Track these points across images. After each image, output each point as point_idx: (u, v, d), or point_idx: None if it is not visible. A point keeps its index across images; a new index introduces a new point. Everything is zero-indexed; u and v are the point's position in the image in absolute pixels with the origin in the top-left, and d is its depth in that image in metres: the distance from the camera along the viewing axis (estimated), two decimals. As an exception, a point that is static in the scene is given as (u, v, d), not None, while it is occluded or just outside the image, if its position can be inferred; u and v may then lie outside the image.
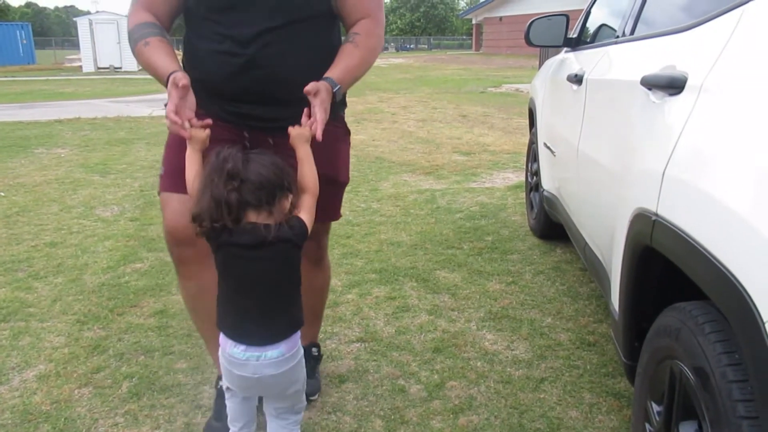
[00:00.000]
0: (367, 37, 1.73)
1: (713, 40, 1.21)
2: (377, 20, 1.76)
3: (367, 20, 1.74)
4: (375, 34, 1.75)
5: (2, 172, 5.62)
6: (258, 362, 1.45)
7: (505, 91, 13.33)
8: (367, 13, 1.74)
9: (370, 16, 1.75)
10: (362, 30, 1.73)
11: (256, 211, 1.40)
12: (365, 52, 1.73)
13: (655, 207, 1.23)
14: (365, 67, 1.75)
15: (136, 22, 1.71)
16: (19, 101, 12.51)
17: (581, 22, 2.92)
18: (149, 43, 1.66)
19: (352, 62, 1.69)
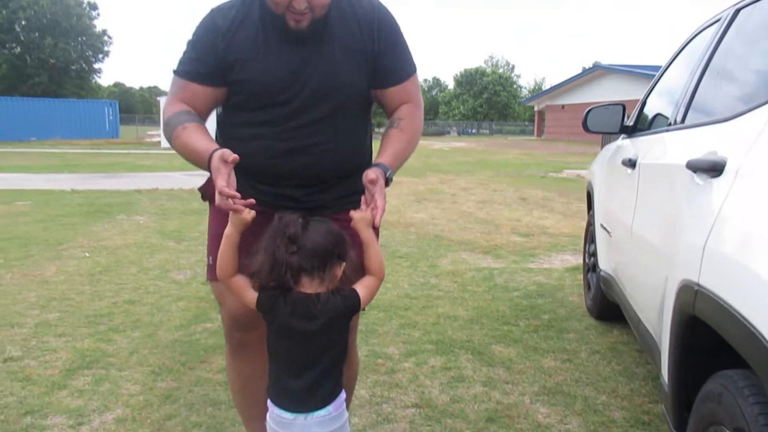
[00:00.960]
0: (411, 121, 1.79)
1: (749, 129, 1.35)
2: (417, 103, 1.83)
3: (409, 105, 1.80)
4: (417, 117, 1.82)
5: (88, 235, 6.07)
6: (306, 421, 1.49)
7: (567, 176, 13.43)
8: (408, 98, 1.81)
9: (411, 101, 1.81)
10: (405, 114, 1.79)
11: (309, 277, 1.46)
12: (410, 135, 1.78)
13: (698, 278, 1.33)
14: (411, 150, 1.80)
15: (174, 111, 1.75)
16: (103, 172, 13.47)
17: (637, 111, 3.07)
18: (187, 128, 1.68)
19: (400, 146, 1.74)
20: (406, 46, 1.82)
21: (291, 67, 1.70)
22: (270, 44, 1.71)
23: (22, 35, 46.03)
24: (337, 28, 1.72)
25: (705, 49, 2.15)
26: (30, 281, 4.33)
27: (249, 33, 1.71)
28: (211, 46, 1.72)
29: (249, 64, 1.71)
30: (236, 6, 1.75)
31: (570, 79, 37.76)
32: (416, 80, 1.85)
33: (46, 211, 7.55)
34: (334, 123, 1.74)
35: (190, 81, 1.75)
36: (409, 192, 9.95)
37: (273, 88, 1.71)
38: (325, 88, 1.71)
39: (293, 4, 1.58)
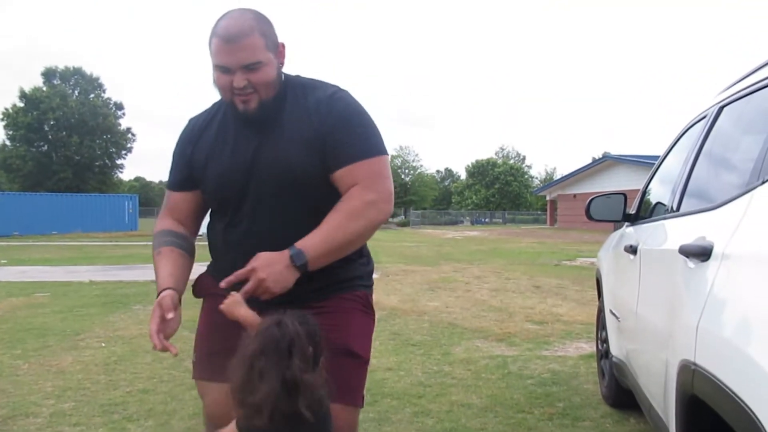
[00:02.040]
0: (349, 201, 1.64)
1: (732, 216, 1.45)
2: (367, 185, 1.65)
3: (356, 186, 1.65)
4: (359, 198, 1.63)
5: (104, 325, 6.15)
6: None
7: (580, 264, 13.43)
8: (354, 181, 1.66)
9: (359, 183, 1.65)
10: (345, 196, 1.66)
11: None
12: (344, 215, 1.62)
13: (694, 357, 1.39)
14: (345, 232, 1.62)
15: (158, 229, 1.85)
16: (121, 263, 13.68)
17: (638, 200, 3.19)
18: (160, 253, 1.78)
19: (325, 226, 1.61)
20: (364, 129, 1.71)
21: (244, 159, 1.70)
22: (227, 139, 1.74)
23: (50, 134, 48.06)
24: (289, 117, 1.70)
25: (695, 142, 2.29)
26: (46, 371, 4.38)
27: (211, 132, 1.78)
28: (183, 153, 1.82)
29: (207, 162, 1.76)
30: (208, 110, 1.85)
31: (580, 169, 38.40)
32: (373, 167, 1.68)
33: (65, 302, 7.67)
34: (292, 213, 1.69)
35: (169, 190, 1.88)
36: (422, 280, 10.00)
37: (225, 181, 1.73)
38: (274, 175, 1.67)
39: (234, 84, 1.60)
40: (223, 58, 1.59)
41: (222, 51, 1.59)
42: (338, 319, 1.72)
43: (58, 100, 46.89)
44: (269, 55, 1.63)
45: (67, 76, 50.30)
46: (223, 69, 1.61)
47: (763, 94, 1.72)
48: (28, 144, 47.21)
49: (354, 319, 1.79)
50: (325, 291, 1.74)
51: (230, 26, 1.59)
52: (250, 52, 1.58)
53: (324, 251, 1.61)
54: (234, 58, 1.58)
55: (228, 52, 1.58)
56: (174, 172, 1.87)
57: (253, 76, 1.60)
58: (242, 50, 1.58)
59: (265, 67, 1.62)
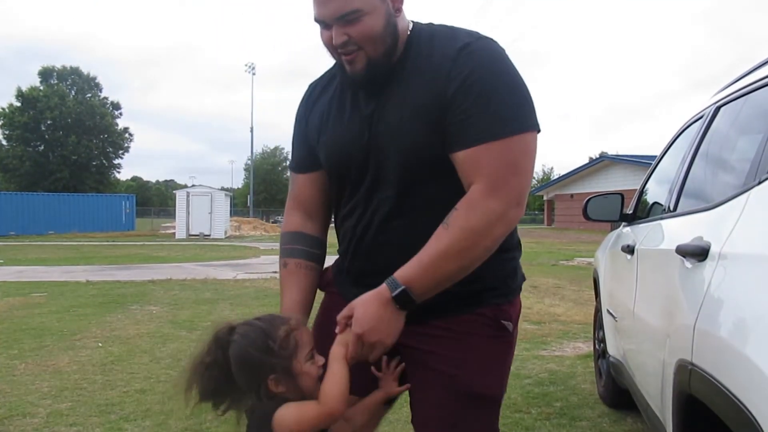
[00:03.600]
0: (466, 213, 1.25)
1: (729, 216, 1.46)
2: (491, 185, 1.25)
3: (476, 186, 1.26)
4: (482, 207, 1.24)
5: (101, 325, 6.14)
6: None
7: (577, 264, 13.45)
8: (476, 173, 1.26)
9: (482, 179, 1.26)
10: (463, 203, 1.27)
11: None
12: (459, 234, 1.24)
13: (691, 357, 1.39)
14: (459, 258, 1.25)
15: (286, 228, 1.58)
16: (118, 263, 13.67)
17: (635, 200, 3.20)
18: (287, 266, 1.53)
19: (434, 252, 1.25)
20: (501, 95, 1.28)
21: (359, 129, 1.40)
22: (343, 104, 1.45)
23: (47, 134, 47.96)
24: (411, 76, 1.36)
25: (692, 142, 2.30)
26: (43, 371, 4.37)
27: (327, 98, 1.49)
28: (300, 125, 1.56)
29: (320, 132, 1.48)
30: (329, 70, 1.54)
31: (577, 169, 38.47)
32: (510, 150, 1.26)
33: (61, 302, 7.65)
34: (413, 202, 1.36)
35: (296, 173, 1.60)
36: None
37: (338, 156, 1.44)
38: (394, 152, 1.35)
39: (333, 41, 1.32)
40: (318, 9, 1.31)
41: (317, 3, 1.31)
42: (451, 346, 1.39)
43: (56, 99, 46.79)
44: (373, 1, 1.29)
45: (64, 75, 50.22)
46: (321, 23, 1.33)
47: (760, 95, 1.73)
48: (25, 144, 47.10)
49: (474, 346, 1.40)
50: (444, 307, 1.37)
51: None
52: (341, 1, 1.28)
53: (430, 285, 1.27)
54: (327, 8, 1.29)
55: (321, 2, 1.30)
56: (294, 150, 1.58)
57: (352, 29, 1.29)
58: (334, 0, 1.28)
59: (367, 16, 1.28)
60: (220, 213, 27.48)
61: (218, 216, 27.33)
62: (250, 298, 8.01)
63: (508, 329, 1.44)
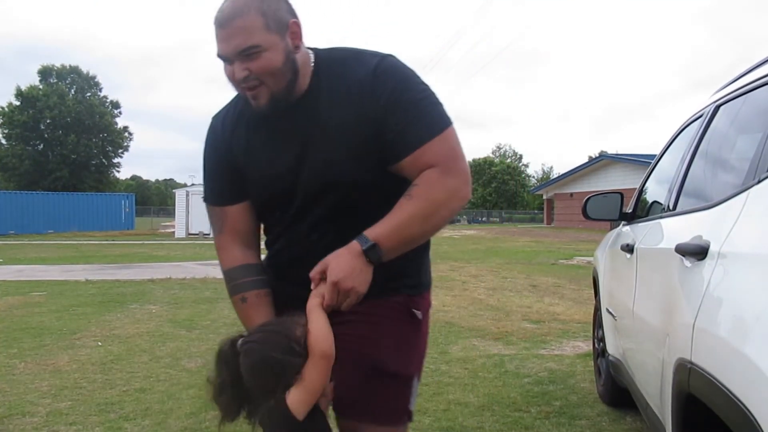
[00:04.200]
0: (427, 187, 1.38)
1: (728, 215, 1.46)
2: (444, 167, 1.39)
3: (433, 169, 1.39)
4: (438, 182, 1.38)
5: (101, 324, 6.14)
6: None
7: (577, 263, 13.45)
8: (432, 162, 1.39)
9: (435, 164, 1.39)
10: (422, 180, 1.39)
11: None
12: (422, 203, 1.37)
13: (690, 356, 1.39)
14: (423, 222, 1.39)
15: (231, 264, 1.57)
16: (117, 262, 13.66)
17: (635, 198, 3.20)
18: (246, 300, 1.53)
19: (400, 216, 1.37)
20: (423, 100, 1.43)
21: (286, 160, 1.47)
22: (258, 139, 1.51)
23: (47, 133, 47.93)
24: (329, 106, 1.43)
25: (691, 141, 2.29)
26: (43, 370, 4.37)
27: (242, 131, 1.54)
28: (218, 159, 1.58)
29: (246, 168, 1.53)
30: (232, 103, 1.60)
31: (577, 168, 38.46)
32: (447, 141, 1.41)
33: (61, 301, 7.65)
34: (343, 218, 1.47)
35: (220, 206, 1.59)
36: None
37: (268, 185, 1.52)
38: (320, 184, 1.45)
39: (235, 76, 1.38)
40: (220, 45, 1.37)
41: (218, 38, 1.37)
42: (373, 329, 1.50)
43: (55, 98, 46.76)
44: (271, 37, 1.35)
45: (64, 74, 50.19)
46: (224, 59, 1.39)
47: (760, 93, 1.73)
48: (25, 143, 47.08)
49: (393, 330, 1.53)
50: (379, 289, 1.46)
51: (225, 7, 1.37)
52: (245, 35, 1.34)
53: (396, 244, 1.38)
54: (228, 45, 1.36)
55: (223, 39, 1.36)
56: (218, 183, 1.58)
57: (252, 64, 1.35)
58: (235, 34, 1.34)
59: (266, 52, 1.35)
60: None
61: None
62: (249, 297, 8.00)
63: (418, 317, 1.58)
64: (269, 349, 1.30)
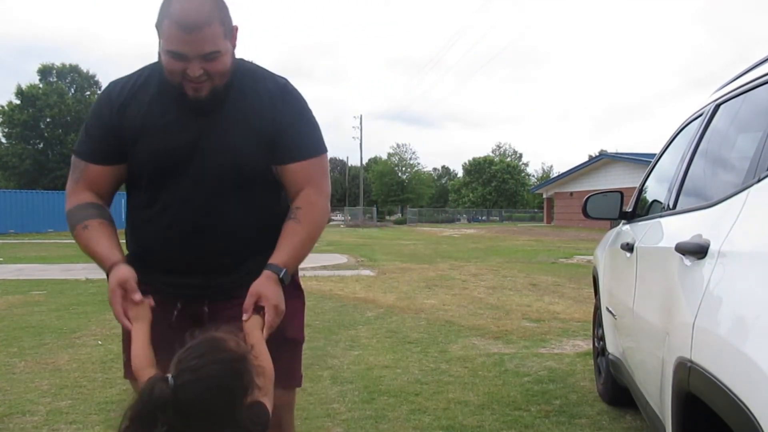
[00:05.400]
0: (310, 210, 1.66)
1: (728, 214, 1.46)
2: (319, 189, 1.69)
3: (308, 190, 1.67)
4: (317, 205, 1.68)
5: (101, 323, 6.14)
6: None
7: (577, 262, 13.45)
8: (308, 181, 1.67)
9: (310, 184, 1.67)
10: (304, 202, 1.66)
11: None
12: (309, 227, 1.65)
13: (690, 354, 1.40)
14: (311, 243, 1.68)
15: (76, 203, 1.67)
16: (118, 261, 13.65)
17: (635, 198, 3.20)
18: (88, 227, 1.62)
19: (296, 241, 1.63)
20: (314, 125, 1.73)
21: (186, 139, 1.61)
22: (166, 113, 1.63)
23: (46, 132, 47.90)
24: (238, 104, 1.64)
25: (691, 140, 2.29)
26: (43, 369, 4.38)
27: (143, 103, 1.64)
28: (105, 122, 1.65)
29: (141, 135, 1.63)
30: (133, 77, 1.69)
31: (577, 167, 38.44)
32: (322, 165, 1.72)
33: (61, 300, 7.66)
34: (234, 201, 1.65)
35: (87, 162, 1.68)
36: (419, 278, 10.01)
37: (163, 158, 1.62)
38: (221, 165, 1.62)
39: (188, 72, 1.52)
40: (180, 46, 1.49)
41: (178, 39, 1.48)
42: None
43: (55, 97, 46.74)
44: (226, 43, 1.55)
45: (64, 73, 50.16)
46: (178, 56, 1.50)
47: (760, 92, 1.73)
48: (25, 142, 47.04)
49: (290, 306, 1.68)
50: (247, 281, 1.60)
51: (189, 12, 1.47)
52: (210, 42, 1.50)
53: (295, 265, 1.66)
54: (192, 47, 1.49)
55: (185, 42, 1.48)
56: (94, 142, 1.68)
57: (210, 65, 1.53)
58: (202, 41, 1.49)
59: (223, 56, 1.55)
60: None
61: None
62: (249, 296, 8.00)
63: (301, 288, 1.85)
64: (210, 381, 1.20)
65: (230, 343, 1.27)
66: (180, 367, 1.21)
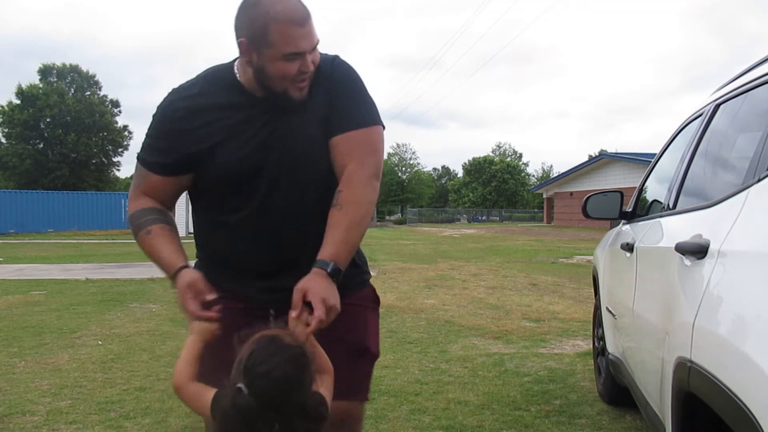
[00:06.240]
0: (352, 192, 1.52)
1: (728, 213, 1.46)
2: (363, 164, 1.54)
3: (351, 166, 1.54)
4: (360, 183, 1.53)
5: (101, 323, 6.14)
6: None
7: (577, 262, 13.45)
8: (350, 156, 1.54)
9: (354, 159, 1.54)
10: (345, 184, 1.53)
11: None
12: (353, 211, 1.51)
13: (690, 354, 1.39)
14: (358, 228, 1.53)
15: (137, 207, 1.64)
16: (117, 261, 13.66)
17: (635, 198, 3.20)
18: (151, 232, 1.59)
19: (341, 231, 1.50)
20: (362, 96, 1.62)
21: (262, 146, 1.56)
22: (238, 122, 1.57)
23: (46, 132, 47.87)
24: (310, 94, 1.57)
25: (691, 140, 2.30)
26: (43, 369, 4.38)
27: (213, 112, 1.58)
28: (171, 131, 1.59)
29: (213, 147, 1.57)
30: (198, 83, 1.63)
31: (577, 167, 38.43)
32: (370, 138, 1.57)
33: (61, 300, 7.66)
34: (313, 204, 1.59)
35: (151, 172, 1.64)
36: (419, 278, 10.01)
37: (242, 171, 1.57)
38: (295, 160, 1.57)
39: (301, 69, 1.47)
40: (299, 42, 1.44)
41: (296, 35, 1.43)
42: (353, 320, 1.63)
43: (55, 97, 46.72)
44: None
45: (64, 73, 50.14)
46: (296, 55, 1.45)
47: (760, 92, 1.73)
48: (25, 142, 47.01)
49: (369, 317, 1.76)
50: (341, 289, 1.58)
51: (295, 6, 1.44)
52: (315, 31, 1.48)
53: (348, 255, 1.52)
54: (308, 40, 1.46)
55: (302, 36, 1.44)
56: (159, 153, 1.62)
57: (315, 56, 1.50)
58: (312, 31, 1.46)
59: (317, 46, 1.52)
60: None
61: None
62: (249, 296, 8.00)
63: (379, 302, 1.85)
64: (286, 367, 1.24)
65: (286, 338, 1.30)
66: (250, 374, 1.22)
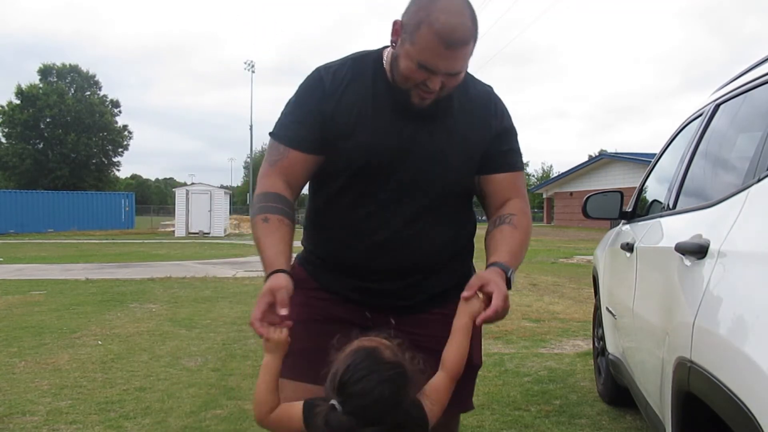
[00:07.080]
0: (523, 217, 1.62)
1: (728, 213, 1.46)
2: (527, 201, 1.68)
3: (518, 200, 1.64)
4: (528, 214, 1.66)
5: (101, 323, 6.14)
6: None
7: (577, 262, 13.45)
8: (515, 192, 1.65)
9: (519, 195, 1.65)
10: (517, 210, 1.62)
11: None
12: (524, 234, 1.61)
13: (690, 354, 1.39)
14: (525, 251, 1.63)
15: (266, 189, 1.56)
16: (117, 261, 13.67)
17: (635, 198, 3.20)
18: (268, 220, 1.51)
19: (516, 244, 1.57)
20: (518, 139, 1.69)
21: (398, 142, 1.53)
22: (379, 112, 1.54)
23: (46, 132, 47.90)
24: (449, 111, 1.56)
25: (691, 140, 2.30)
26: (43, 369, 4.37)
27: (358, 96, 1.54)
28: (315, 109, 1.54)
29: (354, 133, 1.53)
30: (347, 64, 1.59)
31: (577, 167, 38.45)
32: (524, 178, 1.72)
33: (61, 300, 7.66)
34: (436, 210, 1.59)
35: (290, 147, 1.56)
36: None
37: (376, 162, 1.53)
38: (432, 171, 1.56)
39: (427, 83, 1.43)
40: (435, 60, 1.40)
41: (436, 53, 1.39)
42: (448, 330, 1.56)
43: (55, 97, 46.73)
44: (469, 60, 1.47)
45: (64, 73, 50.17)
46: (427, 69, 1.41)
47: (759, 92, 1.73)
48: (25, 142, 47.04)
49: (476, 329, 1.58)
50: (445, 296, 1.61)
51: (456, 28, 1.38)
52: (462, 61, 1.43)
53: (515, 270, 1.54)
54: (447, 64, 1.41)
55: (444, 58, 1.39)
56: (298, 127, 1.56)
57: (449, 81, 1.45)
58: (458, 59, 1.42)
59: (462, 74, 1.49)
60: (219, 211, 27.49)
61: (218, 214, 27.34)
62: (249, 296, 8.00)
63: None
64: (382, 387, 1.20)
65: (386, 353, 1.25)
66: (345, 391, 1.20)
